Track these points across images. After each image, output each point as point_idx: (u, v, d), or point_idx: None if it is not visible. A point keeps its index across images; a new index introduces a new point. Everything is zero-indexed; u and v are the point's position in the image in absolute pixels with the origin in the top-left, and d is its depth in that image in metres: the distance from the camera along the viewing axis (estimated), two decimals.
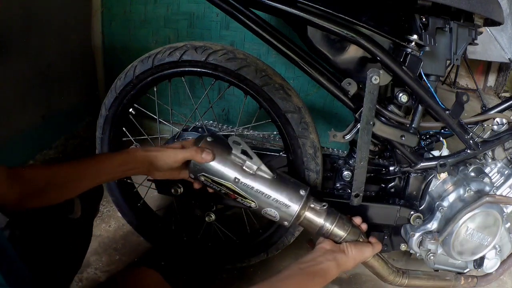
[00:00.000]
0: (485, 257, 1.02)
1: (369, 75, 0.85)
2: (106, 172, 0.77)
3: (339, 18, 0.86)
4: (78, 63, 1.67)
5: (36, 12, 1.33)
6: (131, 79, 1.03)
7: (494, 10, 0.92)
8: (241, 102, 1.09)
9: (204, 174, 0.82)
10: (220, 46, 0.99)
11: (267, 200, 0.81)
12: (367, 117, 0.88)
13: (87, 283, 1.16)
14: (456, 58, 0.93)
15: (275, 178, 0.83)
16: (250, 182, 0.81)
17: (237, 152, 0.81)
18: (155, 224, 1.25)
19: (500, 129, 1.02)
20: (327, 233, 0.83)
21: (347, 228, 0.84)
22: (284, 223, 0.84)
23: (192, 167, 0.82)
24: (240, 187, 0.81)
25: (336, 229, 0.83)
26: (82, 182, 0.74)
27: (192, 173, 0.83)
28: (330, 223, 0.83)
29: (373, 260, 0.90)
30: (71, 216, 0.82)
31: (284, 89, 0.98)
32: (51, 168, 0.72)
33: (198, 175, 0.82)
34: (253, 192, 0.81)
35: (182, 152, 0.82)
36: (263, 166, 0.82)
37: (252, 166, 0.81)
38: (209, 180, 0.82)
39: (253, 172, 0.81)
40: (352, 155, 1.08)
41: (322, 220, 0.83)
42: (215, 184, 0.82)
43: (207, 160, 0.81)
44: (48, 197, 0.70)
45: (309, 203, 0.83)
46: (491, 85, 3.02)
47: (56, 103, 1.54)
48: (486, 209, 0.95)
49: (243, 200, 0.82)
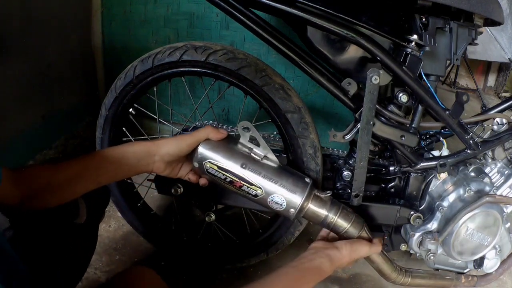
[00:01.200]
0: (485, 257, 1.02)
1: (369, 75, 0.85)
2: (106, 170, 0.75)
3: (339, 18, 0.86)
4: (78, 63, 1.67)
5: (36, 12, 1.33)
6: (131, 79, 1.03)
7: (494, 10, 0.92)
8: (241, 102, 1.09)
9: (210, 161, 0.81)
10: (220, 46, 0.99)
11: (274, 185, 0.81)
12: (367, 117, 0.88)
13: (87, 283, 1.16)
14: (456, 58, 0.93)
15: (281, 167, 0.83)
16: (258, 168, 0.81)
17: (245, 140, 0.82)
18: (155, 224, 1.25)
19: (500, 129, 1.02)
20: (331, 223, 0.84)
21: (350, 218, 0.84)
22: (290, 212, 0.83)
23: (198, 155, 0.81)
24: (247, 173, 0.80)
25: (340, 219, 0.83)
26: (82, 182, 0.73)
27: (197, 161, 0.82)
28: (334, 213, 0.83)
29: (376, 255, 0.90)
30: (76, 221, 0.81)
31: (284, 89, 0.98)
32: (50, 169, 0.70)
33: (204, 162, 0.81)
34: (260, 177, 0.81)
35: (192, 137, 0.81)
36: (271, 153, 0.82)
37: (260, 153, 0.81)
38: (214, 167, 0.81)
39: (261, 158, 0.81)
40: (352, 155, 1.08)
41: (326, 210, 0.83)
42: (221, 171, 0.81)
43: (223, 135, 0.82)
44: (49, 198, 0.69)
45: (314, 191, 0.84)
46: (491, 85, 3.02)
47: (56, 103, 1.54)
48: (486, 209, 0.95)
49: (249, 187, 0.81)
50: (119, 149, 0.77)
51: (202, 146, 0.81)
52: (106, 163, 0.75)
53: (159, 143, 0.80)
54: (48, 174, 0.69)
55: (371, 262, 0.92)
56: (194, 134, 0.82)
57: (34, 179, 0.67)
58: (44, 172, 0.70)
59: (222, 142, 0.82)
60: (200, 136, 0.81)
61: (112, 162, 0.75)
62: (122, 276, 0.80)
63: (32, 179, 0.67)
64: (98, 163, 0.75)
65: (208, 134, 0.81)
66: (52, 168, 0.71)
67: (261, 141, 0.82)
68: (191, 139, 0.81)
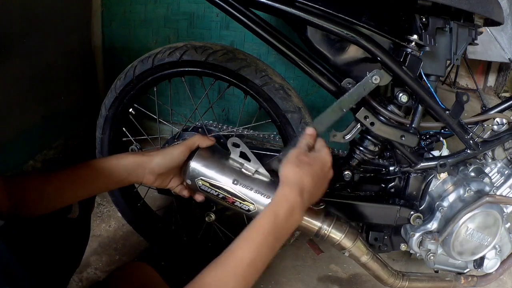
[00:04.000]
0: (485, 257, 1.02)
1: (369, 75, 0.85)
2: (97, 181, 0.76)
3: (339, 18, 0.86)
4: (78, 63, 1.67)
5: (36, 12, 1.33)
6: (131, 79, 1.03)
7: (494, 10, 0.92)
8: (241, 102, 1.09)
9: (202, 178, 0.82)
10: (220, 46, 0.99)
11: (266, 200, 0.81)
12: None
13: (87, 283, 1.16)
14: (456, 58, 0.93)
15: (273, 181, 0.82)
16: (249, 183, 0.81)
17: (235, 155, 0.82)
18: (155, 224, 1.25)
19: (500, 129, 1.02)
20: (325, 235, 0.83)
21: (344, 229, 0.83)
22: None
23: (190, 172, 0.82)
24: (239, 189, 0.81)
25: (334, 230, 0.83)
26: (73, 192, 0.74)
27: (190, 178, 0.83)
28: (327, 224, 0.82)
29: (371, 262, 0.90)
30: (69, 216, 0.82)
31: (284, 89, 0.98)
32: (42, 179, 0.71)
33: (196, 179, 0.82)
34: (252, 192, 0.81)
35: (182, 145, 0.81)
36: (262, 168, 0.82)
37: (250, 168, 0.81)
38: (207, 184, 0.82)
39: (252, 173, 0.81)
40: (352, 155, 1.08)
41: (319, 222, 0.82)
42: (213, 188, 0.82)
43: (211, 141, 0.83)
44: (39, 207, 0.70)
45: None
46: (491, 85, 3.01)
47: (56, 103, 1.54)
48: (486, 209, 0.95)
49: (241, 203, 0.82)
50: (110, 161, 0.78)
51: (194, 162, 0.82)
52: (97, 174, 0.75)
53: (150, 155, 0.80)
54: (40, 184, 0.69)
55: (367, 269, 0.92)
56: (183, 143, 0.82)
57: (26, 189, 0.68)
58: (36, 182, 0.70)
59: (213, 158, 0.83)
60: (189, 143, 0.82)
61: (103, 173, 0.76)
62: (119, 271, 0.81)
63: (24, 188, 0.67)
64: (89, 174, 0.75)
65: (197, 141, 0.82)
66: (43, 177, 0.71)
67: (252, 156, 0.82)
68: (181, 147, 0.81)
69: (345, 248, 0.86)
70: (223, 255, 0.62)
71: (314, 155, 0.76)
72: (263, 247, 0.63)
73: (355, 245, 0.85)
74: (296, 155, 0.74)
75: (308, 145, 0.78)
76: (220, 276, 0.59)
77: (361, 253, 0.89)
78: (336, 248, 0.86)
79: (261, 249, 0.63)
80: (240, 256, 0.61)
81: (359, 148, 1.01)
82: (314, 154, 0.77)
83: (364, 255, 0.89)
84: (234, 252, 0.62)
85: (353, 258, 0.90)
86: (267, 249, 0.64)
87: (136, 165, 0.79)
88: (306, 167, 0.72)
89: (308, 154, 0.76)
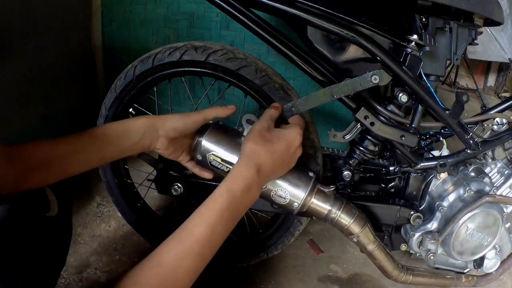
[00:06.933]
0: (485, 257, 1.02)
1: (369, 75, 0.85)
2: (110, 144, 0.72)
3: (339, 18, 0.86)
4: (78, 63, 1.66)
5: (36, 12, 1.33)
6: (131, 79, 1.03)
7: (494, 10, 0.92)
8: (241, 102, 1.08)
9: (213, 153, 0.81)
10: (220, 46, 0.99)
11: (277, 179, 0.80)
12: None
13: (87, 283, 1.16)
14: (456, 58, 0.94)
15: None
16: None
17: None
18: (155, 224, 1.25)
19: (500, 129, 1.02)
20: (334, 218, 0.83)
21: (354, 213, 0.83)
22: (293, 205, 0.82)
23: (201, 148, 0.81)
24: None
25: (343, 214, 0.83)
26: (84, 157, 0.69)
27: (200, 153, 0.82)
28: (337, 208, 0.82)
29: (378, 251, 0.90)
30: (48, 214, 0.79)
31: (284, 89, 0.98)
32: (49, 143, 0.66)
33: (207, 154, 0.81)
34: None
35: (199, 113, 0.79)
36: None
37: None
38: (218, 160, 0.81)
39: None
40: (352, 155, 1.08)
41: (329, 205, 0.82)
42: (224, 164, 0.81)
43: (232, 110, 0.81)
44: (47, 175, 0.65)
45: (317, 185, 0.83)
46: (491, 85, 3.02)
47: (56, 103, 1.54)
48: (486, 209, 0.95)
49: None
50: (123, 124, 0.75)
51: (206, 138, 0.81)
52: (109, 137, 0.72)
53: (164, 117, 0.78)
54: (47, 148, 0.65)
55: (373, 259, 0.92)
56: (202, 112, 0.80)
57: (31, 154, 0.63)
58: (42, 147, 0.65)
59: (225, 135, 0.82)
60: (207, 114, 0.80)
61: (115, 136, 0.72)
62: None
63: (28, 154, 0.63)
64: (101, 138, 0.71)
65: (216, 111, 0.80)
66: (50, 142, 0.66)
67: None
68: (197, 116, 0.79)
69: (353, 234, 0.85)
70: (179, 231, 0.61)
71: (280, 132, 0.74)
72: (218, 224, 0.63)
73: (363, 231, 0.85)
74: (258, 130, 0.72)
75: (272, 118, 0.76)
76: (177, 253, 0.59)
77: (368, 240, 0.89)
78: (344, 234, 0.86)
79: (216, 227, 0.62)
80: (197, 233, 0.61)
81: (359, 148, 1.01)
82: (279, 131, 0.75)
83: (371, 243, 0.89)
84: (190, 229, 0.61)
85: (359, 245, 0.90)
86: (222, 226, 0.64)
87: (149, 125, 0.76)
88: (268, 144, 0.71)
89: (272, 130, 0.74)
